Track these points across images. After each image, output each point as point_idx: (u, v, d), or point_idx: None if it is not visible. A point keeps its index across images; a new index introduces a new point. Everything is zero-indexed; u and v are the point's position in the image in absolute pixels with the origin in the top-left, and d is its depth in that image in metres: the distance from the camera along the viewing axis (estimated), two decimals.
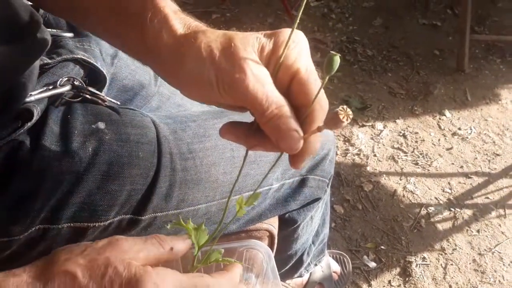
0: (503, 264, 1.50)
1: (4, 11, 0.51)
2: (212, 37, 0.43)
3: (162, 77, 0.49)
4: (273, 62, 0.43)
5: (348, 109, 0.37)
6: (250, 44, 0.42)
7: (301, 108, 0.42)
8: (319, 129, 0.40)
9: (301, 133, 0.41)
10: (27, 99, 0.58)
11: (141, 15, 0.46)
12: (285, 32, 0.43)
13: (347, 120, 0.37)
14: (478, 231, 1.58)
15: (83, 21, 0.56)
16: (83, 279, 0.31)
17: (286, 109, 0.41)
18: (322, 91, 0.41)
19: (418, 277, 1.46)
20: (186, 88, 0.46)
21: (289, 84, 0.42)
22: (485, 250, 1.53)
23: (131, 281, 0.36)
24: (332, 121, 0.38)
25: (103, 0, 0.50)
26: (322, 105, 0.42)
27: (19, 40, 0.54)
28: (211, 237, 0.53)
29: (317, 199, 0.85)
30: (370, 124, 1.90)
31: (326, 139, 0.85)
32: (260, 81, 0.41)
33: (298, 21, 0.40)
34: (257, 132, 0.44)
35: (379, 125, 1.90)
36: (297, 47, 0.42)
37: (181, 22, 0.45)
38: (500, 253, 1.52)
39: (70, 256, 0.36)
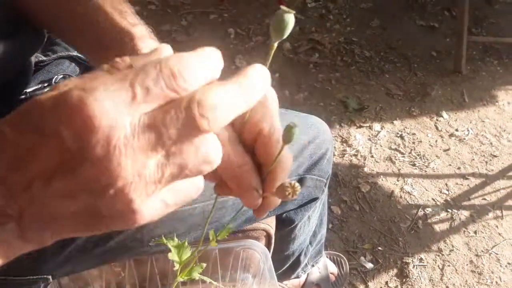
0: (500, 266, 1.50)
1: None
2: None
3: None
4: (239, 120, 0.42)
5: (297, 185, 0.38)
6: None
7: (264, 166, 0.43)
8: (273, 194, 0.41)
9: (261, 192, 0.42)
10: (22, 97, 0.57)
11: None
12: None
13: (292, 196, 0.38)
14: (475, 232, 1.58)
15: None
16: (10, 135, 0.28)
17: (246, 169, 0.41)
18: (287, 150, 0.41)
19: (415, 278, 1.46)
20: None
21: (254, 141, 0.43)
22: (482, 251, 1.53)
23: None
24: (280, 192, 0.39)
25: (90, 39, 0.51)
26: (282, 165, 0.42)
27: (15, 36, 0.53)
28: (193, 253, 0.52)
29: (314, 199, 0.85)
30: (367, 125, 1.90)
31: (324, 138, 0.84)
32: (222, 141, 0.41)
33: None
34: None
35: (376, 126, 1.90)
36: (263, 106, 0.43)
37: None
38: (497, 254, 1.52)
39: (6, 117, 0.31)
